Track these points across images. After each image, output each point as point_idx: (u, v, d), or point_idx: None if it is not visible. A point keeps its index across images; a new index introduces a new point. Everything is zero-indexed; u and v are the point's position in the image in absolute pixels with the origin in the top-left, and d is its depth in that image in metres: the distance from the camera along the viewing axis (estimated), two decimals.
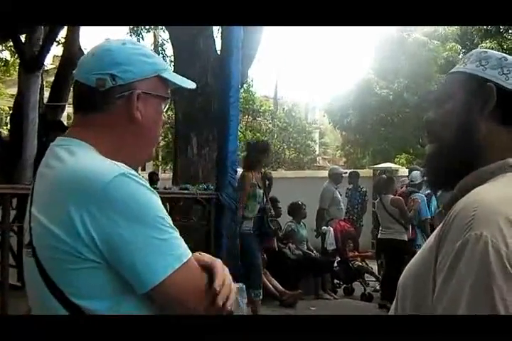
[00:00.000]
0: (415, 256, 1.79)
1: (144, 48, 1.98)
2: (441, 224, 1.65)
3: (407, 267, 1.81)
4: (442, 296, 1.53)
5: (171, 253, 1.70)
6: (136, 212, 1.66)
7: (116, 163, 1.76)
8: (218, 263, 1.81)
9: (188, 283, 1.72)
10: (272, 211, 9.28)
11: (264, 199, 8.88)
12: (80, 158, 1.76)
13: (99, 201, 1.65)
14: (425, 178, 2.02)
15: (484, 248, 1.48)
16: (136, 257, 1.65)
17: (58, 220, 1.67)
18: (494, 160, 1.73)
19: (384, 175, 13.20)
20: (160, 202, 1.76)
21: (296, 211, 12.27)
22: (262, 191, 8.62)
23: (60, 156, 1.79)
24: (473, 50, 1.87)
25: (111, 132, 1.88)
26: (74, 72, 1.95)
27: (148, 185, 1.76)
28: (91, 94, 1.87)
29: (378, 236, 11.42)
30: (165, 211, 1.76)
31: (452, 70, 1.87)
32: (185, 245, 1.76)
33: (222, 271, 1.79)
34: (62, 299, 1.69)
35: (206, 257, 1.80)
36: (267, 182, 9.02)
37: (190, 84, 2.08)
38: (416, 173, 11.85)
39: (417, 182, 11.64)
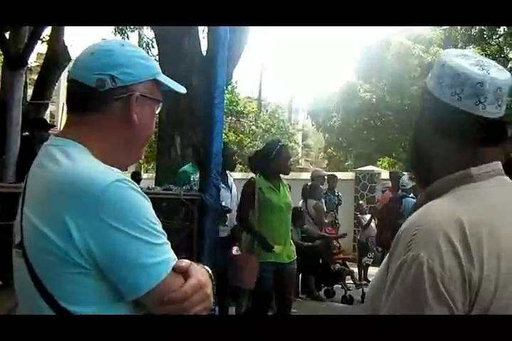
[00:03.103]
0: (378, 269, 1.82)
1: (141, 51, 1.99)
2: (394, 239, 1.67)
3: (373, 278, 1.84)
4: (382, 311, 1.58)
5: (164, 257, 1.71)
6: (131, 218, 1.67)
7: (111, 168, 1.76)
8: (195, 269, 1.80)
9: (176, 287, 1.71)
10: None
11: None
12: (76, 162, 1.75)
13: (95, 207, 1.64)
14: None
15: (419, 268, 1.50)
16: (132, 261, 1.66)
17: (52, 223, 1.66)
18: (449, 171, 1.72)
19: (310, 182, 13.08)
20: (152, 207, 1.77)
21: None
22: None
23: (54, 157, 1.78)
24: (436, 63, 1.81)
25: (106, 133, 1.88)
26: (69, 70, 1.94)
27: (141, 191, 1.76)
28: (89, 94, 1.85)
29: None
30: (156, 217, 1.76)
31: (424, 82, 1.85)
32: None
33: (198, 277, 1.77)
34: (50, 302, 1.69)
35: (184, 262, 1.77)
36: None
37: (181, 88, 2.08)
38: (406, 178, 11.81)
39: (408, 187, 11.60)
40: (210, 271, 1.88)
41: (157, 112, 2.01)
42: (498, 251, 1.55)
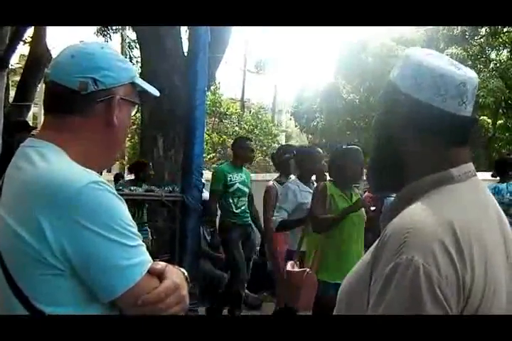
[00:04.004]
0: (353, 269, 1.77)
1: (119, 54, 2.01)
2: (376, 242, 1.63)
3: (345, 279, 1.79)
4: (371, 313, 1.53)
5: (139, 259, 1.72)
6: (106, 220, 1.67)
7: (87, 170, 1.77)
8: (171, 271, 1.80)
9: (151, 289, 1.72)
10: None
11: None
12: (51, 163, 1.75)
13: (70, 208, 1.65)
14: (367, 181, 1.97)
15: (415, 273, 1.46)
16: (107, 262, 1.66)
17: (27, 224, 1.66)
18: (427, 171, 1.69)
19: None
20: (127, 210, 1.77)
21: None
22: None
23: (30, 158, 1.78)
24: (409, 63, 1.75)
25: (85, 136, 1.88)
26: (48, 71, 1.92)
27: (116, 193, 1.76)
28: (70, 97, 1.86)
29: None
30: (131, 219, 1.77)
31: (391, 76, 1.80)
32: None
33: (173, 279, 1.78)
34: (25, 302, 1.69)
35: (160, 265, 1.78)
36: None
37: (156, 92, 2.10)
38: None
39: None
40: (186, 273, 1.89)
41: (132, 114, 2.03)
42: (485, 256, 1.55)
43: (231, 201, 8.25)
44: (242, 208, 8.42)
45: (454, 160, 1.70)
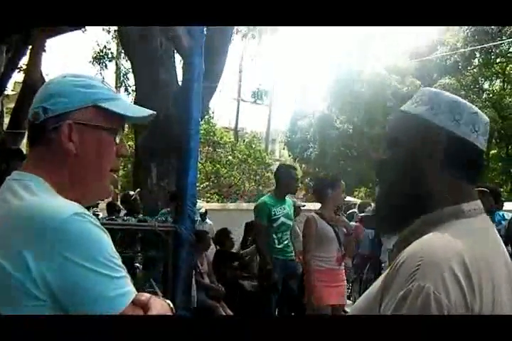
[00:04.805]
0: (363, 295, 1.81)
1: (85, 80, 1.94)
2: (388, 269, 1.67)
3: (354, 305, 1.83)
4: None
5: (123, 290, 1.71)
6: (89, 251, 1.67)
7: (70, 202, 1.77)
8: (154, 302, 1.79)
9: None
10: None
11: None
12: (35, 196, 1.76)
13: (53, 240, 1.64)
14: (375, 223, 2.00)
15: (426, 300, 1.50)
16: (91, 294, 1.65)
17: (10, 256, 1.66)
18: (441, 205, 1.74)
19: None
20: (111, 241, 1.76)
21: None
22: None
23: (15, 191, 1.79)
24: (425, 89, 1.87)
25: (54, 165, 1.87)
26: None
27: (99, 224, 1.76)
28: (30, 128, 1.89)
29: None
30: (115, 250, 1.76)
31: (403, 108, 1.87)
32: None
33: (158, 310, 1.77)
34: None
35: (144, 296, 1.77)
36: None
37: (142, 113, 2.04)
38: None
39: None
40: (172, 305, 1.88)
41: (116, 140, 1.97)
42: (492, 287, 1.60)
43: (274, 236, 7.93)
44: (285, 242, 8.08)
45: (467, 196, 1.77)
